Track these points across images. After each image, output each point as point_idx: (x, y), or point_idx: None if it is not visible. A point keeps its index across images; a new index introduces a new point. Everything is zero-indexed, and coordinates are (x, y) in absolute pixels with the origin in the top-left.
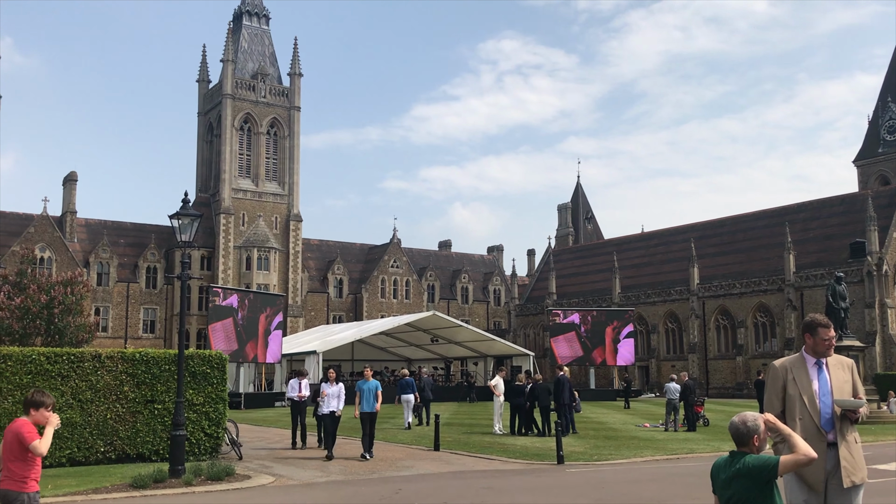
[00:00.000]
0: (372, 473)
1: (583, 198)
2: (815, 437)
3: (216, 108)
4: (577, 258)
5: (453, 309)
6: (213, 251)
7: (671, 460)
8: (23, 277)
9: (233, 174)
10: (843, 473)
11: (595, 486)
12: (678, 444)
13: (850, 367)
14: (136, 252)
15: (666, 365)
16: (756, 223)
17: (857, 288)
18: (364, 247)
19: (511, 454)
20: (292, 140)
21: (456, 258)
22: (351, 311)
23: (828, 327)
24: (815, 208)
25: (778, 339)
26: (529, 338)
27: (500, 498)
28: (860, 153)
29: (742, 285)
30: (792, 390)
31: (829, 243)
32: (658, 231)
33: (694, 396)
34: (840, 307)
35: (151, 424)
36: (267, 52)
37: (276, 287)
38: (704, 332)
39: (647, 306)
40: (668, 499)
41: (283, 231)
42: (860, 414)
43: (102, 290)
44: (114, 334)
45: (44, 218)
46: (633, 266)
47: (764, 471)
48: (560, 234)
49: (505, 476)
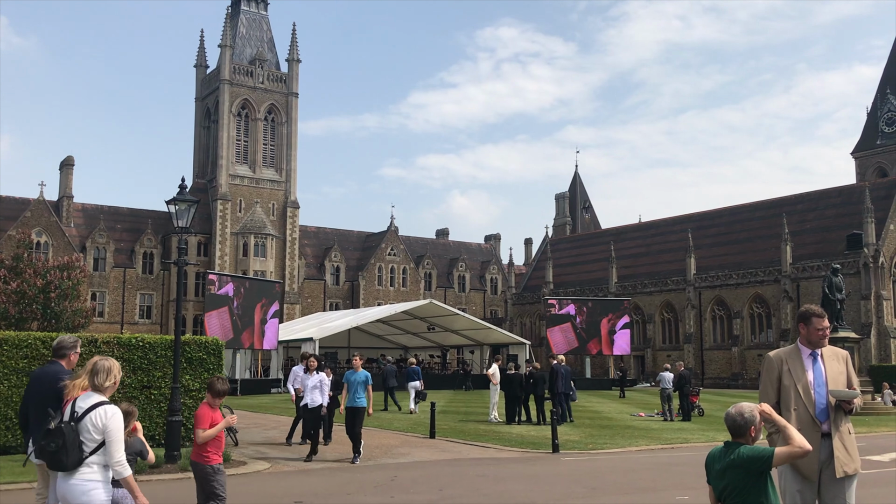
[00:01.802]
0: (367, 461)
1: (581, 187)
2: (810, 428)
3: (213, 93)
4: (575, 248)
5: (450, 297)
6: (210, 237)
7: (666, 450)
8: (19, 262)
9: (230, 160)
10: (836, 464)
11: (590, 475)
12: (673, 434)
13: (845, 358)
14: (133, 237)
15: (661, 355)
16: (753, 214)
17: (854, 280)
18: (361, 234)
19: (506, 442)
20: (290, 126)
21: (453, 246)
22: (348, 299)
23: (822, 317)
24: (813, 200)
25: (774, 330)
26: (526, 327)
27: (496, 485)
28: (858, 145)
29: (738, 276)
30: (787, 381)
31: (826, 235)
32: (655, 221)
33: (689, 386)
34: (836, 299)
35: (148, 410)
36: (265, 38)
37: (273, 274)
38: (700, 323)
39: (644, 296)
40: (662, 488)
41: (281, 218)
42: (854, 405)
43: (99, 275)
44: (110, 319)
45: (40, 202)
46: (630, 256)
47: (758, 462)
48: (557, 223)
49: (500, 464)
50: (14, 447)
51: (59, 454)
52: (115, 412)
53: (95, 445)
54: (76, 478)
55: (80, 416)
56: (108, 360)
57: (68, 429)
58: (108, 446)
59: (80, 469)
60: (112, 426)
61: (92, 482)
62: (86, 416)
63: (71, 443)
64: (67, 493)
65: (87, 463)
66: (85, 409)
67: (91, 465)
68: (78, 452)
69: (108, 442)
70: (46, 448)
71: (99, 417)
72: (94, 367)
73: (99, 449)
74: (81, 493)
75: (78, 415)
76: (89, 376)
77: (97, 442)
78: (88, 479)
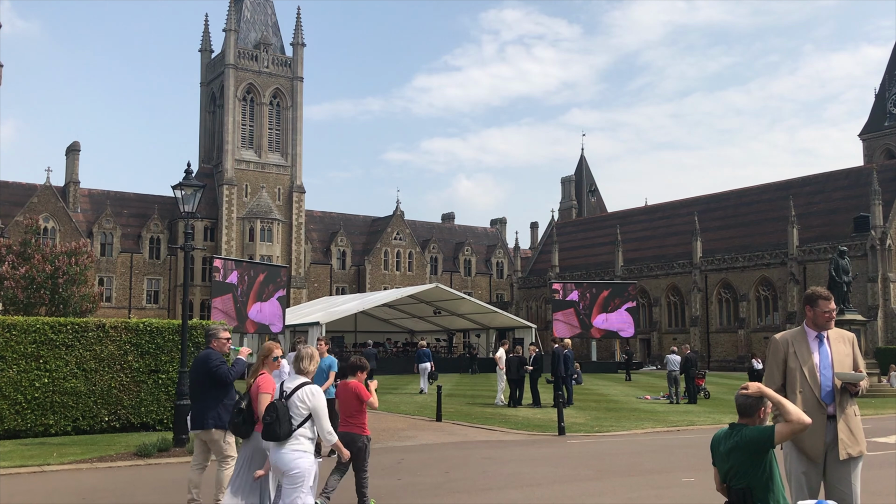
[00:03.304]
0: (374, 444)
1: (587, 170)
2: (816, 410)
3: (219, 78)
4: (581, 231)
5: (456, 281)
6: (217, 222)
7: (672, 432)
8: (27, 247)
9: (236, 145)
10: (840, 446)
11: (596, 457)
12: (679, 417)
13: (851, 340)
14: (140, 223)
15: (667, 338)
16: (760, 197)
17: (861, 262)
18: (367, 219)
19: (512, 425)
20: (295, 111)
21: (459, 230)
22: (354, 283)
23: (828, 299)
24: (820, 182)
25: (780, 312)
26: (532, 310)
27: (502, 468)
28: (866, 127)
29: (745, 259)
30: (793, 363)
31: (832, 217)
32: (661, 204)
33: (695, 369)
34: (843, 281)
35: (155, 394)
36: (269, 22)
37: (280, 258)
38: (706, 306)
39: (650, 279)
40: (668, 469)
41: (287, 202)
42: (860, 387)
43: (106, 260)
44: (117, 304)
45: (47, 188)
46: (636, 239)
47: (761, 440)
48: (563, 206)
49: (506, 447)
50: (24, 431)
51: (274, 426)
52: (318, 391)
53: (302, 419)
54: (287, 447)
55: (289, 394)
56: (308, 347)
57: (280, 405)
58: (317, 420)
59: (289, 440)
60: (317, 403)
61: (299, 451)
62: (293, 394)
63: (283, 417)
64: (279, 460)
65: (296, 435)
66: (292, 389)
67: (298, 438)
68: (288, 425)
69: (315, 417)
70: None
71: (305, 395)
72: (297, 354)
73: (305, 423)
74: (291, 460)
75: (287, 393)
76: (295, 361)
77: (303, 416)
78: (296, 448)
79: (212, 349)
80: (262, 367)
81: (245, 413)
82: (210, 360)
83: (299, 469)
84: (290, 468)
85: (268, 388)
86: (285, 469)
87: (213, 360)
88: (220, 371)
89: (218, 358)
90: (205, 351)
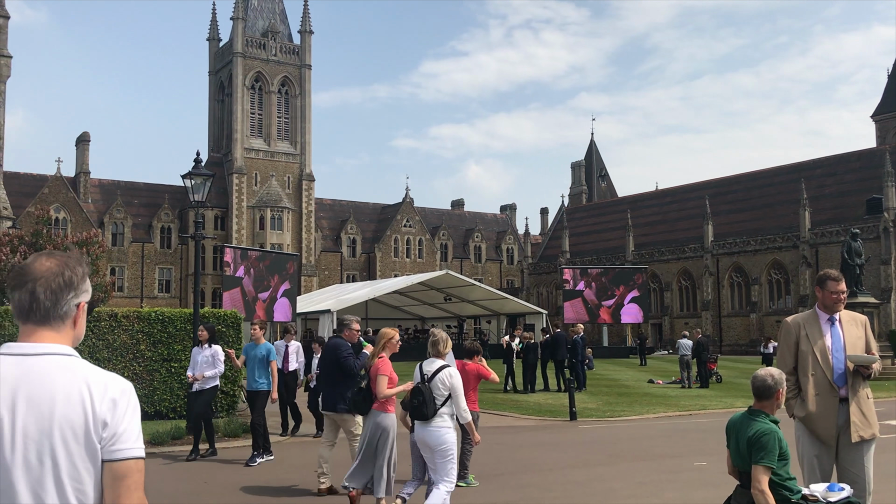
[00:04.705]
0: None
1: (596, 155)
2: (828, 393)
3: (227, 66)
4: (591, 216)
5: (466, 268)
6: (227, 211)
7: (683, 416)
8: (38, 238)
9: (245, 133)
10: (852, 429)
11: (608, 442)
12: (691, 401)
13: (864, 323)
14: (150, 212)
15: (679, 322)
16: (771, 180)
17: (873, 244)
18: (377, 206)
19: (524, 410)
20: (304, 99)
21: (469, 217)
22: (364, 271)
23: (838, 281)
24: (832, 164)
25: (792, 296)
26: (542, 296)
27: (514, 453)
28: (878, 108)
29: (756, 242)
30: (804, 346)
31: (845, 199)
32: (672, 188)
33: (707, 353)
34: (855, 263)
35: (168, 383)
36: (277, 10)
37: (290, 247)
38: (718, 290)
39: (661, 264)
40: (680, 454)
41: (296, 190)
42: (873, 370)
43: (117, 250)
44: (129, 294)
45: (58, 179)
46: (646, 224)
47: (772, 446)
48: (574, 192)
49: (518, 432)
50: None
51: (422, 407)
52: (456, 373)
53: (444, 399)
54: (433, 425)
55: (431, 377)
56: (441, 332)
57: (425, 387)
58: (455, 399)
59: (434, 418)
60: (456, 383)
61: (444, 428)
62: (435, 376)
63: (428, 398)
64: (427, 437)
65: (440, 413)
66: (433, 372)
67: (442, 416)
68: (433, 405)
69: (454, 396)
70: (410, 403)
71: (446, 377)
72: (433, 339)
73: (446, 402)
74: (439, 436)
75: (428, 376)
76: (431, 346)
77: (444, 396)
78: (441, 425)
79: (342, 338)
80: (382, 350)
81: (365, 391)
82: (339, 350)
83: (447, 443)
84: (440, 443)
85: (386, 370)
86: (434, 445)
87: (342, 350)
88: (347, 363)
89: (346, 349)
90: (334, 339)
